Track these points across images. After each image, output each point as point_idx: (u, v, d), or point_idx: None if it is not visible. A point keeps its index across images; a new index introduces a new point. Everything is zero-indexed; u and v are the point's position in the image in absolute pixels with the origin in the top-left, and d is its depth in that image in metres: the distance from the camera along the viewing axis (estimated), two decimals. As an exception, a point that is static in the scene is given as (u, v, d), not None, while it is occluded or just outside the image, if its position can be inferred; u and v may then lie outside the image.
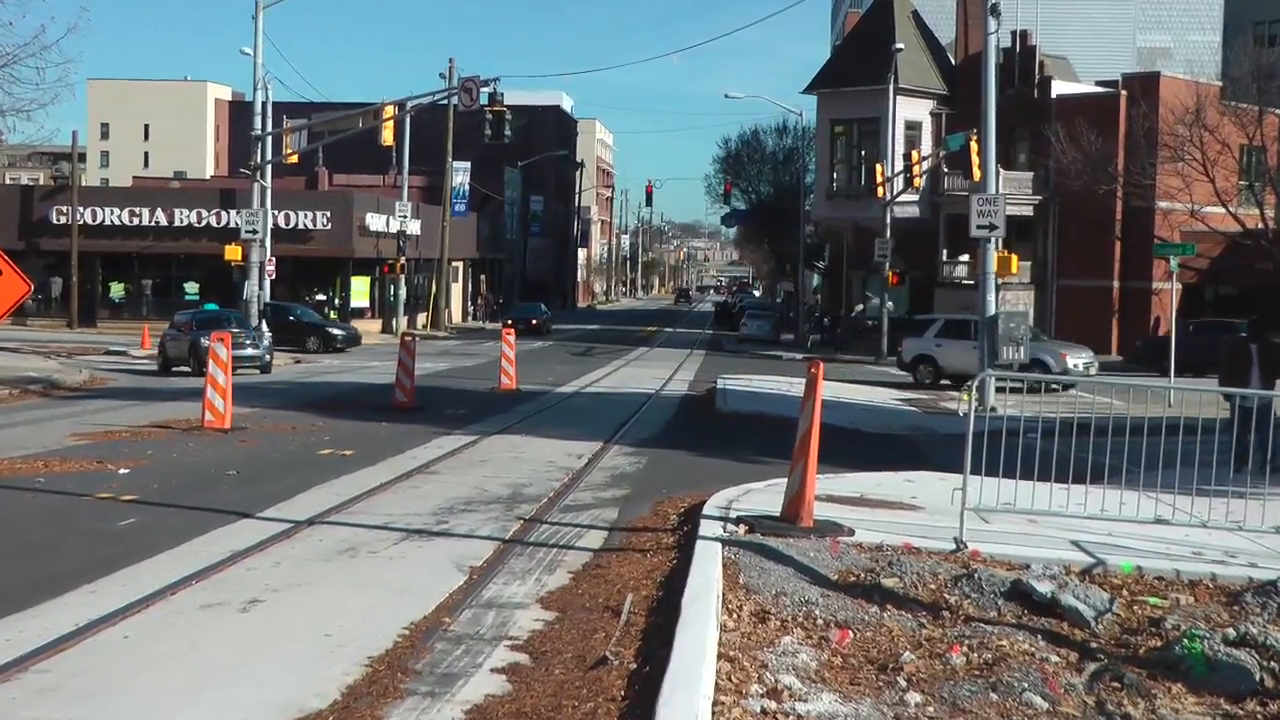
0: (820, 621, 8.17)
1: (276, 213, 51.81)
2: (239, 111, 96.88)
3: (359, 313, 59.03)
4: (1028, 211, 52.26)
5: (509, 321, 49.71)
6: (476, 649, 7.88)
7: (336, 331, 46.46)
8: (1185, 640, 7.58)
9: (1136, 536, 10.89)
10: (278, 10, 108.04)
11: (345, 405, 24.57)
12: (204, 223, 56.50)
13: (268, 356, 33.62)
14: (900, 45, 52.11)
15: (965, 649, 7.62)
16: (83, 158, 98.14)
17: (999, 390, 19.36)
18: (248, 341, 32.38)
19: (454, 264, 69.73)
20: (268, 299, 41.19)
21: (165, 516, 12.20)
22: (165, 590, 9.17)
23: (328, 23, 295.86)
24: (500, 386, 28.94)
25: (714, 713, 6.24)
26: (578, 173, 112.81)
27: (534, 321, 60.83)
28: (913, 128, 54.98)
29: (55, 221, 57.29)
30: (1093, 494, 11.32)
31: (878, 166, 50.95)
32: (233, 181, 67.18)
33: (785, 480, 11.35)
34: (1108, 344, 51.77)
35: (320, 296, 58.50)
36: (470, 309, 78.30)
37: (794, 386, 27.47)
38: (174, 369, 32.59)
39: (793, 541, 10.19)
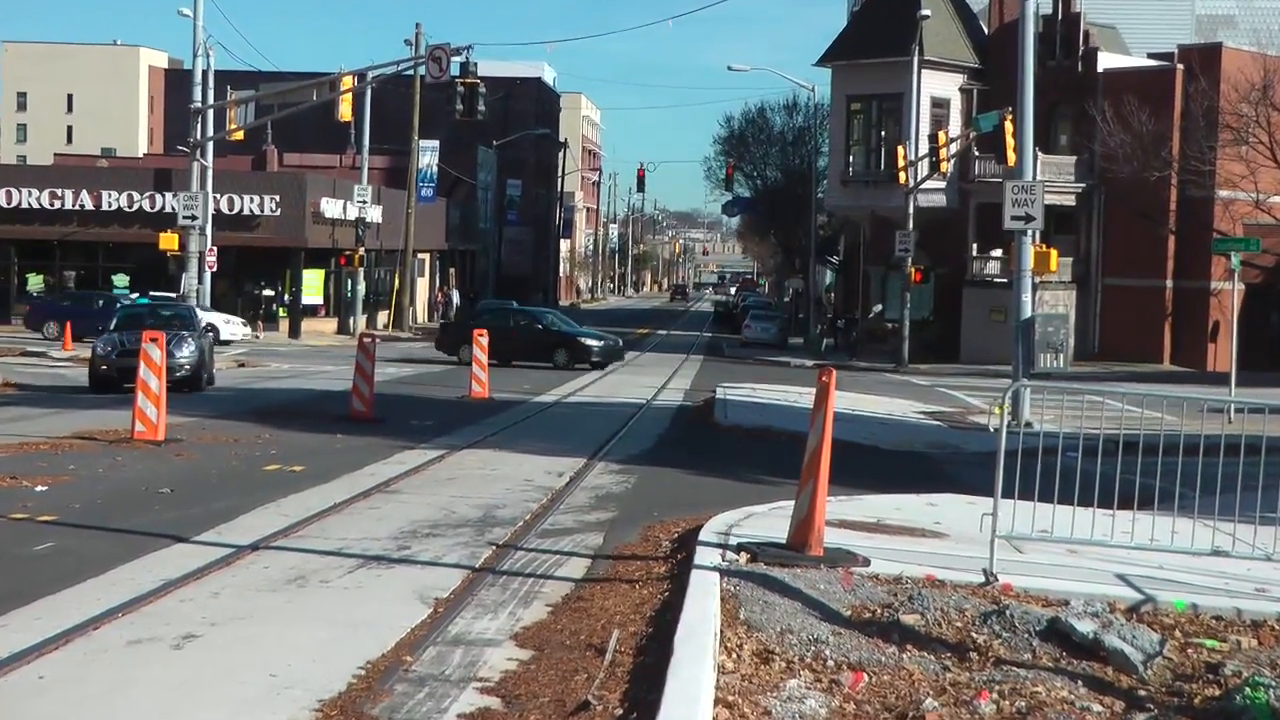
0: (831, 663, 8.19)
1: (219, 196, 51.81)
2: (176, 81, 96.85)
3: (311, 310, 59.11)
4: (1069, 201, 52.45)
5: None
6: (442, 692, 7.88)
7: (592, 343, 41.33)
8: (1247, 689, 7.59)
9: (1191, 570, 10.91)
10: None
11: (295, 415, 24.57)
12: (135, 207, 56.44)
13: (188, 366, 27.34)
14: (926, 12, 52.24)
15: (995, 696, 7.63)
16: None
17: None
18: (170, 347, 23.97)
19: (420, 256, 69.79)
20: (208, 293, 40.98)
21: (88, 540, 12.18)
22: (87, 624, 9.15)
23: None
24: (471, 395, 28.97)
25: (710, 766, 6.25)
26: (561, 154, 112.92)
27: None
28: (939, 105, 55.14)
29: (-36, 204, 57.23)
30: (1141, 521, 11.33)
31: (899, 149, 51.09)
32: (169, 160, 67.21)
33: (792, 503, 11.36)
34: (1159, 351, 51.93)
35: (268, 291, 58.55)
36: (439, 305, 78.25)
37: (803, 397, 27.51)
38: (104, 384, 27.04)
39: (800, 572, 10.21)
